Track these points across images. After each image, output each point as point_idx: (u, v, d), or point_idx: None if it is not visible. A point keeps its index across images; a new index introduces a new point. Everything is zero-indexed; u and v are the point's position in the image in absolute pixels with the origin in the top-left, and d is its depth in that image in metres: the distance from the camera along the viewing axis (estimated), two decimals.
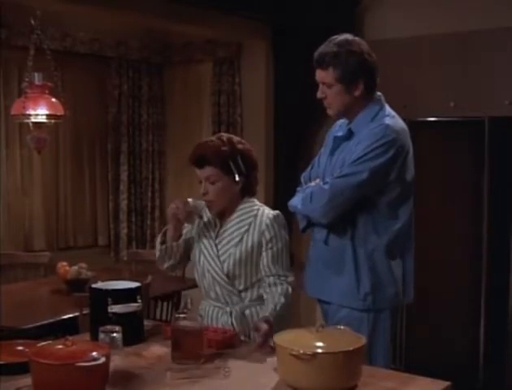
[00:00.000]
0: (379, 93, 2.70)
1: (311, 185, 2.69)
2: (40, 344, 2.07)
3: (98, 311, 2.44)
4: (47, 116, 4.45)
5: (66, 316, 3.78)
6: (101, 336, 2.20)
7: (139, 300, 2.49)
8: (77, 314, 3.60)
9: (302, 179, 2.82)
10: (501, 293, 4.59)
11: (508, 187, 4.59)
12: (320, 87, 2.66)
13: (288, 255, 2.69)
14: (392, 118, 2.64)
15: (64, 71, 5.56)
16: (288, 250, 2.69)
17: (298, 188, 2.77)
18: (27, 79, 4.48)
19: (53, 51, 4.73)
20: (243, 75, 5.95)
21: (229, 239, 2.68)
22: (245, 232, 2.65)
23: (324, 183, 2.62)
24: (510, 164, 4.59)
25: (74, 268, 4.28)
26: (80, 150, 6.05)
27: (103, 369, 1.95)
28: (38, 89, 4.46)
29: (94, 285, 2.55)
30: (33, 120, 4.45)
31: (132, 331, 2.42)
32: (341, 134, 2.71)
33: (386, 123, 2.58)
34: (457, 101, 4.70)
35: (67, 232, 5.98)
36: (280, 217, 2.69)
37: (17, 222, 5.59)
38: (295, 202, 2.71)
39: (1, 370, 2.09)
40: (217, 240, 2.70)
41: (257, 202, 2.74)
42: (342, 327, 2.21)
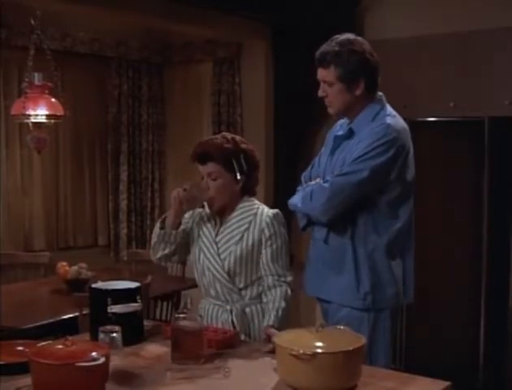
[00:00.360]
0: (380, 93, 2.70)
1: (311, 184, 2.69)
2: (40, 344, 2.07)
3: (98, 311, 2.45)
4: (47, 116, 4.45)
5: (66, 316, 3.78)
6: (100, 336, 2.20)
7: (139, 300, 2.49)
8: (77, 314, 3.60)
9: (303, 178, 2.82)
10: (501, 293, 4.59)
11: (508, 187, 4.59)
12: (321, 85, 2.67)
13: (287, 254, 2.70)
14: (393, 117, 2.64)
15: (64, 71, 5.56)
16: (287, 248, 2.70)
17: (298, 188, 2.78)
18: (27, 79, 4.48)
19: (53, 51, 4.73)
20: (243, 75, 5.95)
21: (229, 237, 2.68)
22: (246, 230, 2.66)
23: (325, 181, 2.63)
24: (510, 164, 4.59)
25: (74, 268, 4.28)
26: (80, 150, 6.05)
27: (103, 369, 1.96)
28: (38, 89, 4.45)
29: (94, 285, 2.55)
30: (33, 120, 4.44)
31: (132, 331, 2.42)
32: (342, 133, 2.71)
33: (387, 123, 2.59)
34: (457, 101, 4.70)
35: (67, 232, 5.98)
36: (280, 215, 2.71)
37: (17, 222, 5.59)
38: (295, 200, 2.71)
39: (1, 370, 2.09)
40: (217, 239, 2.70)
41: (256, 201, 2.75)
42: (342, 327, 2.21)
